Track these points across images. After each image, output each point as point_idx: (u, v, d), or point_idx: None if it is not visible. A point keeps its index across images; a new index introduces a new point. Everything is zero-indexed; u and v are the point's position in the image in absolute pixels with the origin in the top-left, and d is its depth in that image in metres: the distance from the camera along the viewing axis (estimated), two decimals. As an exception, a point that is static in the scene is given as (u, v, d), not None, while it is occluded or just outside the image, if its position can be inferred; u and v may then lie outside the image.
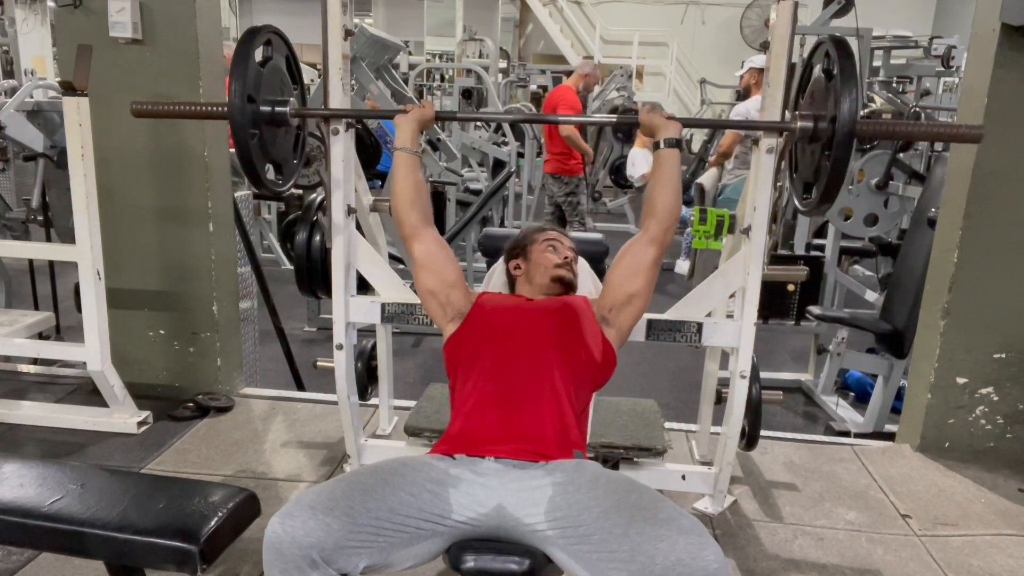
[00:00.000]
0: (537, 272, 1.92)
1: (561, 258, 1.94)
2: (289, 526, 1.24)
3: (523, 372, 1.59)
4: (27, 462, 1.51)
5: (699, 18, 12.53)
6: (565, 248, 1.98)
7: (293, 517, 1.25)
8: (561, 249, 1.97)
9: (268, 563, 1.24)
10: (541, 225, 2.14)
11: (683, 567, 1.18)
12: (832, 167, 1.73)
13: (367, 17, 13.03)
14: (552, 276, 1.90)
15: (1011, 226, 2.59)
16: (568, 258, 1.95)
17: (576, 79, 5.81)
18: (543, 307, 1.79)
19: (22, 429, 2.77)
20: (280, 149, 2.03)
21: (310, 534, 1.23)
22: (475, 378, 1.61)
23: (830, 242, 4.06)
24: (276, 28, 1.97)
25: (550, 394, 1.57)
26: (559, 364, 1.62)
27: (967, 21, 2.67)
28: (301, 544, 1.22)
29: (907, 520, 2.38)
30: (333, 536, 1.24)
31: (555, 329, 1.71)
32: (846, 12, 4.64)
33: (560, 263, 1.92)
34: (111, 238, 2.69)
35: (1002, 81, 2.48)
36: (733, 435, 2.17)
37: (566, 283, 1.90)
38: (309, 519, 1.24)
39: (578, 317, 1.75)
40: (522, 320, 1.74)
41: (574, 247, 2.02)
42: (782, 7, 1.91)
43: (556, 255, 1.95)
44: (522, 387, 1.57)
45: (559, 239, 2.01)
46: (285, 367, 3.51)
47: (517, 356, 1.63)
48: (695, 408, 2.72)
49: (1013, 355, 2.67)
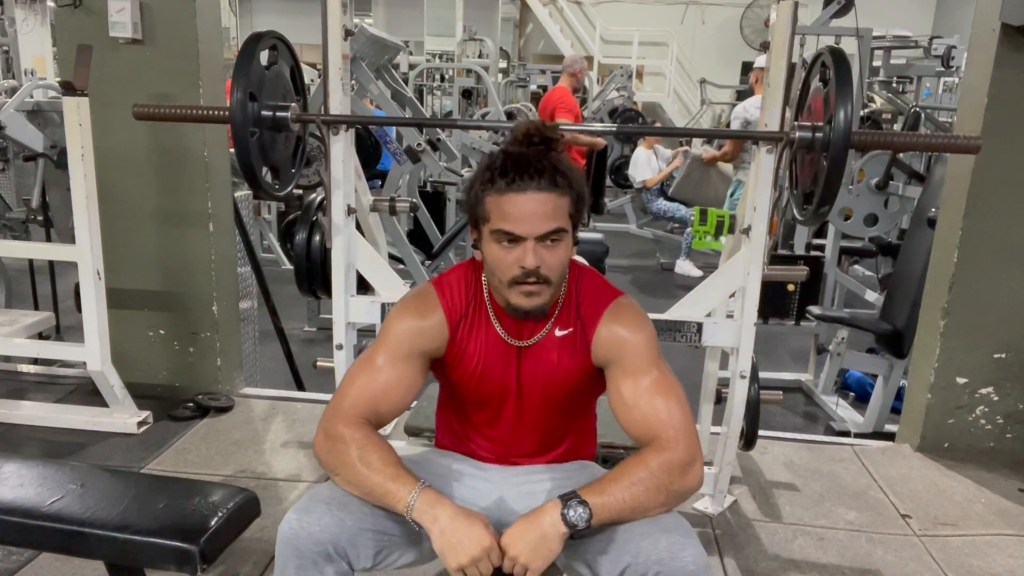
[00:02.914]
0: (493, 276, 1.34)
1: (520, 269, 1.28)
2: (306, 522, 1.24)
3: (513, 422, 1.45)
4: (27, 462, 1.51)
5: (699, 18, 12.52)
6: (530, 245, 1.27)
7: (310, 513, 1.25)
8: (524, 247, 1.27)
9: (283, 557, 1.24)
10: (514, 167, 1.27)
11: (662, 566, 1.18)
12: (826, 177, 1.73)
13: (367, 17, 13.03)
14: (508, 303, 1.35)
15: (1011, 226, 2.59)
16: (529, 269, 1.27)
17: (568, 80, 5.80)
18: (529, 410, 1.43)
19: (22, 429, 2.77)
20: (280, 153, 2.03)
21: (326, 530, 1.23)
22: (462, 411, 1.49)
23: (830, 242, 4.07)
24: (279, 33, 1.97)
25: (549, 434, 1.48)
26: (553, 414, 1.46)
27: (967, 21, 2.67)
28: (318, 539, 1.23)
29: (907, 520, 2.38)
30: (347, 532, 1.24)
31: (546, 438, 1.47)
32: (846, 12, 4.63)
33: (519, 277, 1.29)
34: (111, 238, 2.69)
35: (1002, 81, 2.48)
36: (733, 435, 2.17)
37: (531, 314, 1.35)
38: (324, 514, 1.25)
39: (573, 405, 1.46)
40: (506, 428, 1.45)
41: (559, 227, 1.28)
42: (782, 7, 1.91)
43: (511, 257, 1.28)
44: (513, 432, 1.46)
45: (520, 218, 1.26)
46: (285, 367, 3.52)
47: (504, 412, 1.45)
48: (695, 408, 2.72)
49: (1013, 355, 2.67)
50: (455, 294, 1.41)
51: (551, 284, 1.31)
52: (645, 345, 1.37)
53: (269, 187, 1.98)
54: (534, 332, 1.40)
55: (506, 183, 1.26)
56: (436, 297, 1.41)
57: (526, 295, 1.30)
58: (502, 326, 1.40)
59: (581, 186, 1.32)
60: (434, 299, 1.41)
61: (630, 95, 9.18)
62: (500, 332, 1.40)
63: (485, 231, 1.31)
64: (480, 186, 1.30)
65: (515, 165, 1.27)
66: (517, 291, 1.30)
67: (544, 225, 1.27)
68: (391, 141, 4.64)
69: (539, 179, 1.26)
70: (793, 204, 2.06)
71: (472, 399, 1.45)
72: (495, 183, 1.27)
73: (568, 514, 1.19)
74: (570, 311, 1.40)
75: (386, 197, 2.31)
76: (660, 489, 1.24)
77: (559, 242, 1.29)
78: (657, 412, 1.32)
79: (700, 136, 10.18)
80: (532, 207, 1.26)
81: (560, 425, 1.47)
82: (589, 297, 1.41)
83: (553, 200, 1.27)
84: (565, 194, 1.29)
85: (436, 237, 5.20)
